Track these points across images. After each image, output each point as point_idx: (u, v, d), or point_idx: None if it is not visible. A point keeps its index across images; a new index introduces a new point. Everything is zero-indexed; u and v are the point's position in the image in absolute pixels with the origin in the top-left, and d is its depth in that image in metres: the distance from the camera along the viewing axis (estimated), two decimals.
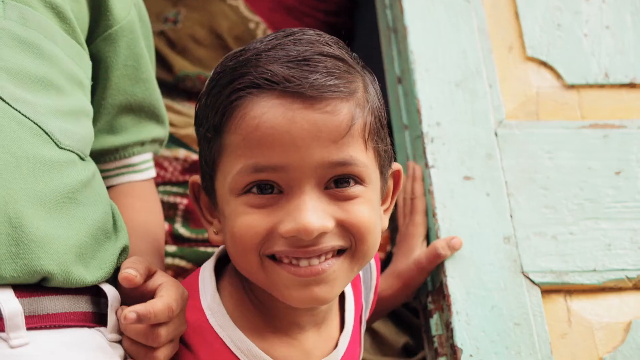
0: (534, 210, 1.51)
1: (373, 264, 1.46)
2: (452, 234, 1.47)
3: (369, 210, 1.16)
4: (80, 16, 1.25)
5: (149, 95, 1.40)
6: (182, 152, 1.76)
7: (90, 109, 1.24)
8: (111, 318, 1.12)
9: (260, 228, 1.12)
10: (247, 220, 1.13)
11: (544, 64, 1.66)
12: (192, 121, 1.71)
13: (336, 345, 1.30)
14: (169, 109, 1.77)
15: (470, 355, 1.38)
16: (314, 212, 1.10)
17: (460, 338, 1.39)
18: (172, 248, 1.73)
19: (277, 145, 1.09)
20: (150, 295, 1.12)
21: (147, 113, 1.40)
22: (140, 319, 1.05)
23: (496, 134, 1.57)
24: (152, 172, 1.43)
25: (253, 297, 1.24)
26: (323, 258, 1.14)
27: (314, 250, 1.12)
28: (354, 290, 1.36)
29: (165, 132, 1.45)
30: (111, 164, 1.37)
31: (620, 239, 1.51)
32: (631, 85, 1.66)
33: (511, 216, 1.50)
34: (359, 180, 1.15)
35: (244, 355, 1.20)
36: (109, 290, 1.13)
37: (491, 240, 1.48)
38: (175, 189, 1.71)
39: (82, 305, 1.10)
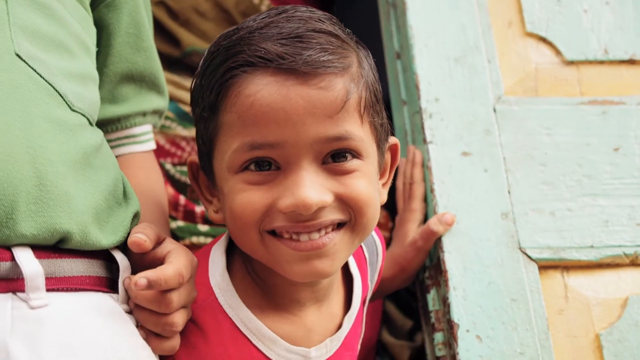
0: (531, 187, 1.51)
1: (380, 246, 1.45)
2: (449, 209, 1.47)
3: (367, 184, 1.16)
4: None
5: (150, 65, 1.40)
6: None
7: (96, 74, 1.24)
8: (121, 290, 1.12)
9: (259, 204, 1.13)
10: (246, 197, 1.13)
11: (543, 39, 1.65)
12: None
13: (340, 326, 1.30)
14: (181, 86, 1.76)
15: (467, 331, 1.39)
16: (312, 187, 1.11)
17: (457, 313, 1.40)
18: (204, 228, 1.72)
19: (272, 122, 1.10)
20: (159, 262, 1.11)
21: (147, 83, 1.40)
22: (150, 285, 1.05)
23: (495, 110, 1.56)
24: (152, 144, 1.44)
25: (255, 276, 1.24)
26: (323, 232, 1.14)
27: (313, 224, 1.13)
28: (360, 272, 1.36)
29: (165, 104, 1.45)
30: (113, 134, 1.37)
31: (618, 215, 1.51)
32: (630, 62, 1.65)
33: (509, 192, 1.50)
34: (356, 154, 1.15)
35: (253, 334, 1.21)
36: (121, 259, 1.13)
37: (489, 216, 1.48)
38: None
39: (97, 269, 1.10)
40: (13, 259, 1.01)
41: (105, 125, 1.35)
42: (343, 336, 1.31)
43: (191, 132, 1.75)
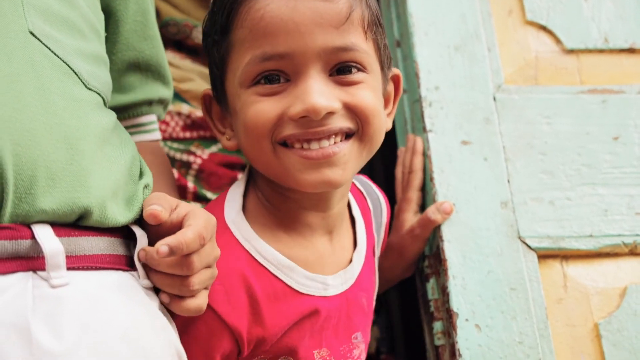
0: (531, 176, 1.51)
1: (384, 204, 1.51)
2: (449, 198, 1.47)
3: (372, 95, 1.23)
4: None
5: (156, 54, 1.40)
6: (185, 108, 1.74)
7: (106, 58, 1.24)
8: (140, 266, 1.11)
9: (271, 114, 1.19)
10: (258, 108, 1.20)
11: (543, 28, 1.65)
12: (192, 76, 1.70)
13: (350, 261, 1.35)
14: (169, 64, 1.75)
15: (466, 320, 1.39)
16: (320, 94, 1.17)
17: (456, 302, 1.40)
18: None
19: (282, 33, 1.17)
20: (177, 227, 1.10)
21: (153, 72, 1.40)
22: (172, 251, 1.04)
23: (494, 99, 1.56)
24: (158, 134, 1.44)
25: (268, 205, 1.30)
26: (332, 140, 1.20)
27: (322, 130, 1.19)
28: (365, 221, 1.42)
29: (170, 93, 1.45)
30: (121, 123, 1.37)
31: (617, 204, 1.51)
32: (630, 51, 1.65)
33: (508, 181, 1.50)
34: (361, 67, 1.22)
35: (270, 263, 1.25)
36: (141, 235, 1.12)
37: (488, 205, 1.48)
38: (175, 145, 1.68)
39: (116, 247, 1.10)
40: (33, 237, 1.00)
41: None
42: (355, 272, 1.35)
43: (176, 107, 1.75)
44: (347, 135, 1.22)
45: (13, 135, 0.99)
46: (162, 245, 1.03)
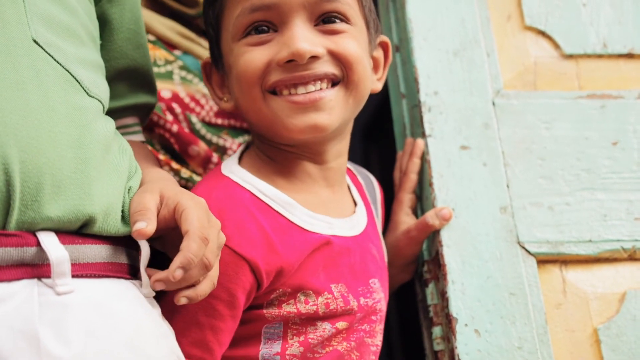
0: (530, 181, 1.51)
1: (374, 180, 1.60)
2: (448, 203, 1.47)
3: (356, 44, 1.32)
4: None
5: (147, 62, 1.41)
6: None
7: (103, 65, 1.25)
8: (143, 274, 1.11)
9: (260, 61, 1.29)
10: (248, 56, 1.30)
11: (542, 33, 1.65)
12: None
13: (354, 212, 1.42)
14: (197, 42, 1.73)
15: (466, 325, 1.39)
16: (305, 39, 1.27)
17: (456, 307, 1.40)
18: None
19: None
20: (172, 219, 1.11)
21: (141, 80, 1.41)
22: (186, 269, 1.05)
23: (493, 104, 1.56)
24: (141, 136, 1.45)
25: (266, 158, 1.37)
26: (319, 86, 1.29)
27: (308, 75, 1.28)
28: (357, 189, 1.50)
29: (155, 101, 1.46)
30: None
31: (616, 209, 1.51)
32: (629, 56, 1.65)
33: (508, 186, 1.50)
34: (344, 18, 1.32)
35: (272, 199, 1.31)
36: (144, 244, 1.12)
37: (487, 210, 1.48)
38: (206, 130, 1.68)
39: (118, 256, 1.10)
40: (38, 244, 1.00)
41: None
42: (361, 223, 1.41)
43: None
44: (334, 83, 1.31)
45: (20, 143, 0.99)
46: (176, 270, 1.05)
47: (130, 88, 1.39)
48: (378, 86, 1.43)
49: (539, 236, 1.47)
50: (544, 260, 1.46)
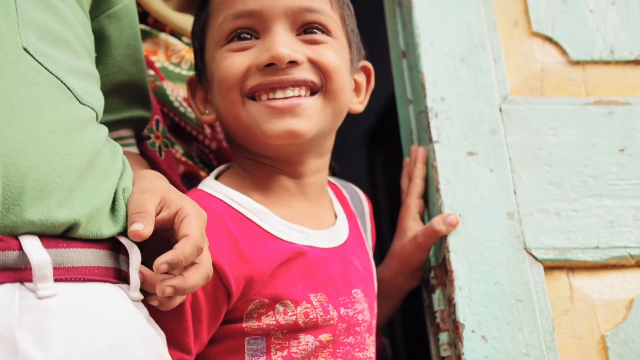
0: (537, 187, 1.51)
1: (362, 195, 1.60)
2: (455, 209, 1.47)
3: (336, 55, 1.34)
4: None
5: (143, 77, 1.42)
6: None
7: (98, 75, 1.25)
8: (134, 277, 1.11)
9: (240, 65, 1.31)
10: (229, 61, 1.32)
11: (549, 39, 1.65)
12: None
13: (334, 224, 1.42)
14: None
15: (472, 331, 1.38)
16: (285, 45, 1.30)
17: (463, 314, 1.39)
18: None
19: None
20: (170, 223, 1.12)
21: (137, 95, 1.41)
22: (171, 267, 1.05)
23: (500, 110, 1.56)
24: (135, 149, 1.45)
25: (244, 172, 1.38)
26: (297, 92, 1.31)
27: (287, 79, 1.30)
28: (342, 203, 1.49)
29: (150, 114, 1.46)
30: None
31: (624, 216, 1.51)
32: (636, 62, 1.65)
33: (514, 192, 1.50)
34: (325, 30, 1.35)
35: (243, 207, 1.31)
36: (130, 246, 1.12)
37: (494, 216, 1.47)
38: None
39: (105, 260, 1.10)
40: (21, 248, 1.00)
41: None
42: (341, 234, 1.40)
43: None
44: (312, 93, 1.32)
45: (2, 147, 0.99)
46: (162, 263, 1.04)
47: (126, 102, 1.39)
48: (359, 108, 1.46)
49: (546, 242, 1.47)
50: (551, 267, 1.46)
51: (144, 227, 1.07)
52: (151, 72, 1.55)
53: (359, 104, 1.46)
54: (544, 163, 1.53)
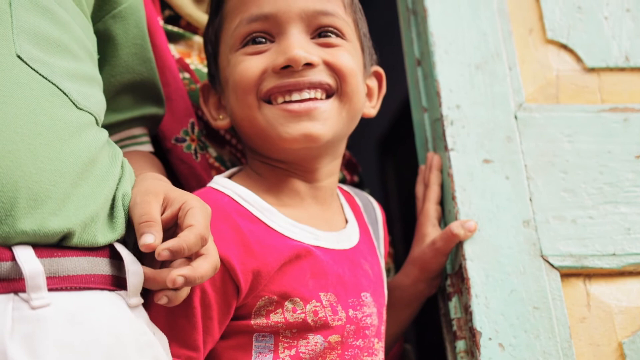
0: (553, 194, 1.51)
1: (375, 203, 1.59)
2: (471, 217, 1.47)
3: (350, 58, 1.35)
4: None
5: (153, 75, 1.41)
6: None
7: (100, 79, 1.24)
8: (131, 282, 1.10)
9: (257, 69, 1.31)
10: (245, 65, 1.32)
11: (564, 46, 1.65)
12: None
13: (344, 228, 1.42)
14: None
15: (489, 339, 1.38)
16: (300, 47, 1.30)
17: (480, 321, 1.39)
18: None
19: None
20: (173, 222, 1.12)
21: (148, 93, 1.41)
22: (173, 254, 1.06)
23: (516, 117, 1.56)
24: (149, 147, 1.45)
25: (256, 175, 1.38)
26: (313, 94, 1.31)
27: (303, 81, 1.30)
28: (353, 211, 1.49)
29: (163, 111, 1.46)
30: (114, 137, 1.37)
31: None
32: None
33: (530, 200, 1.50)
34: (340, 34, 1.36)
35: (251, 205, 1.30)
36: (126, 254, 1.12)
37: (510, 224, 1.47)
38: None
39: (101, 267, 1.09)
40: (14, 258, 1.00)
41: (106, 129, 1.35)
42: (352, 238, 1.40)
43: None
44: (328, 96, 1.33)
45: None
46: (164, 249, 1.05)
47: (137, 100, 1.39)
48: (372, 112, 1.47)
49: (562, 250, 1.47)
50: (567, 274, 1.46)
51: (154, 239, 1.07)
52: (186, 75, 1.56)
53: (371, 109, 1.47)
54: (560, 170, 1.53)
